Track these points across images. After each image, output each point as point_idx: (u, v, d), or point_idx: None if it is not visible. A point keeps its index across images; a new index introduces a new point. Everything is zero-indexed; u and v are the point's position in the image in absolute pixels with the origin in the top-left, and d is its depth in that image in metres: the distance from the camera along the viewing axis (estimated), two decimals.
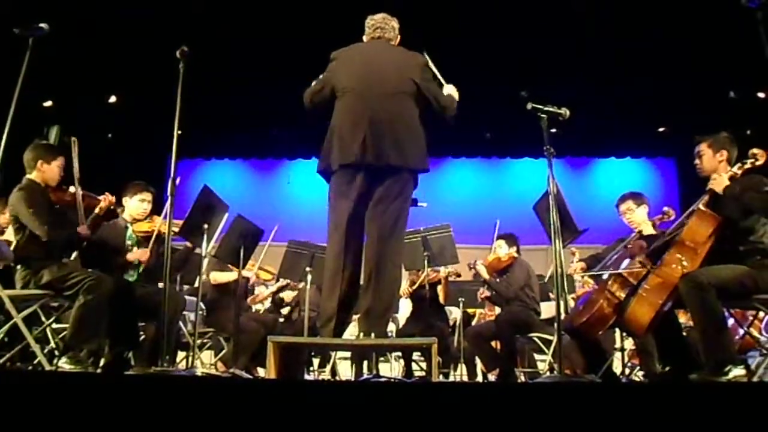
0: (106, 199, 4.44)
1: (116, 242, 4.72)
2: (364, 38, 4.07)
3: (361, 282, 3.69)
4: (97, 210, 4.39)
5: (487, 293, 6.14)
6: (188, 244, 4.95)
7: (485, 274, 6.00)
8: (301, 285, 6.48)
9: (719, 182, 3.73)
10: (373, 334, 3.51)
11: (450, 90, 4.03)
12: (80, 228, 4.22)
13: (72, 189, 4.29)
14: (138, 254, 4.64)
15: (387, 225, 3.63)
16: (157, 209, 4.97)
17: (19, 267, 4.07)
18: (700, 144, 3.97)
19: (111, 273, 4.34)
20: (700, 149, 3.97)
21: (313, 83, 3.94)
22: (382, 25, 4.00)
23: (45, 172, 4.23)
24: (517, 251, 6.11)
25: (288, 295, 7.04)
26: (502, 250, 6.10)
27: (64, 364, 3.78)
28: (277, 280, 6.65)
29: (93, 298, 3.86)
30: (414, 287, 6.51)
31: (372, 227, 3.65)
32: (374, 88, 3.75)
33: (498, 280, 6.02)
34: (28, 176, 4.23)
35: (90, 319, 3.88)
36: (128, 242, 4.81)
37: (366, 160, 3.60)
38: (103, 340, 4.13)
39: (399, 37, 4.08)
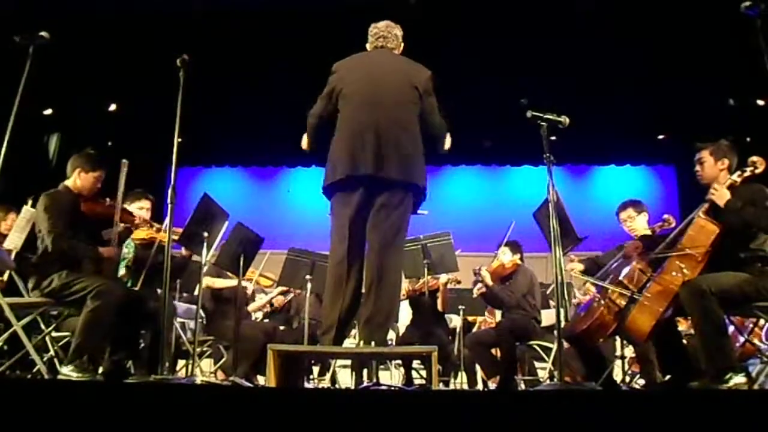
0: (140, 218, 4.53)
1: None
2: (368, 46, 4.05)
3: (362, 290, 3.68)
4: (134, 228, 4.44)
5: (483, 290, 6.11)
6: (183, 251, 4.96)
7: (489, 281, 6.00)
8: (300, 292, 6.48)
9: (720, 195, 3.72)
10: (373, 342, 3.51)
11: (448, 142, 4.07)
12: (105, 249, 4.20)
13: (108, 201, 4.31)
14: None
15: (389, 234, 3.63)
16: (156, 217, 4.97)
17: (33, 273, 4.05)
18: (701, 151, 3.96)
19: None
20: (701, 156, 3.95)
21: (317, 103, 3.92)
22: (385, 34, 3.99)
23: (81, 181, 4.26)
24: (521, 258, 6.11)
25: (279, 300, 6.99)
26: (505, 256, 6.10)
27: (70, 372, 3.69)
28: (278, 287, 6.65)
29: (101, 304, 3.81)
30: (414, 288, 6.51)
31: (374, 236, 3.65)
32: (380, 98, 3.74)
33: (501, 286, 6.02)
34: (64, 182, 4.27)
35: (97, 325, 3.83)
36: (125, 249, 4.81)
37: (369, 171, 3.59)
38: (105, 347, 4.12)
39: (402, 45, 4.07)
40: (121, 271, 4.83)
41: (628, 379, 5.55)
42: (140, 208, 4.80)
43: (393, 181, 3.62)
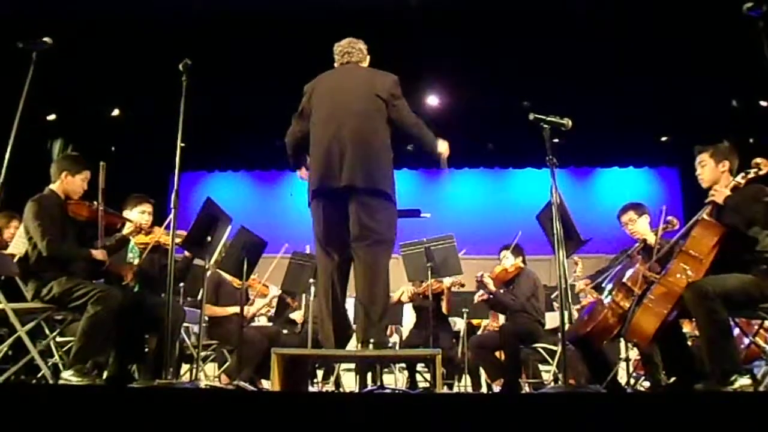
0: (136, 224, 4.49)
1: (118, 255, 4.72)
2: (335, 65, 4.16)
3: (356, 294, 3.75)
4: (124, 230, 4.42)
5: (485, 296, 6.11)
6: (186, 253, 4.96)
7: (492, 287, 6.00)
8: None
9: (720, 194, 3.73)
10: (372, 342, 3.55)
11: (442, 146, 4.09)
12: (97, 252, 4.18)
13: (94, 203, 4.29)
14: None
15: (371, 244, 3.71)
16: (157, 221, 4.97)
17: (30, 280, 4.04)
18: (701, 154, 3.96)
19: (110, 283, 4.33)
20: (701, 159, 3.96)
21: (292, 124, 4.07)
22: (348, 50, 4.12)
23: (68, 184, 4.23)
24: (523, 261, 6.11)
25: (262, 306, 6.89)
26: (507, 260, 6.11)
27: (71, 377, 3.70)
28: (281, 290, 6.63)
29: (101, 310, 3.81)
30: (418, 291, 6.53)
31: (358, 248, 3.73)
32: (343, 111, 3.83)
33: (503, 291, 6.01)
34: (50, 186, 4.24)
35: (98, 331, 3.83)
36: (130, 254, 4.81)
37: (337, 183, 3.70)
38: (109, 352, 4.11)
39: (368, 57, 4.17)
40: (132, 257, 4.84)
41: (632, 381, 5.54)
42: (142, 212, 4.80)
43: (360, 189, 3.70)
